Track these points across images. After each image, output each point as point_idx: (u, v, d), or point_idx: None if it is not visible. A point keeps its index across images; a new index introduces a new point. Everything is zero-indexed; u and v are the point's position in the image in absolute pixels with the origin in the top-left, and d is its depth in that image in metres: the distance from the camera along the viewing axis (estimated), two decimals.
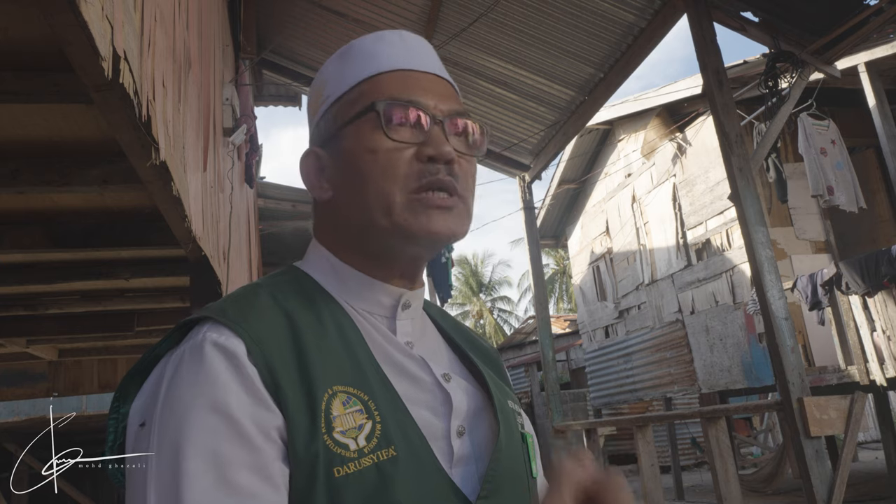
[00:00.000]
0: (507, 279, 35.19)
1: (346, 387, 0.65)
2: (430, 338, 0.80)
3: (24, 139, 2.23)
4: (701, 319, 9.19)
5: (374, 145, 0.71)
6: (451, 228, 0.71)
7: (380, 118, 0.71)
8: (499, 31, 6.20)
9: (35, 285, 3.56)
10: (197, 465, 0.56)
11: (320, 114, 0.77)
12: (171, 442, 0.58)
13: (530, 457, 0.77)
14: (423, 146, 0.71)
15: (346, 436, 0.62)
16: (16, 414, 5.24)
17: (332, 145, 0.75)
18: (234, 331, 0.63)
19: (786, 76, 5.18)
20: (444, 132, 0.72)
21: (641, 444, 5.80)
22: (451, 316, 0.91)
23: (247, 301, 0.68)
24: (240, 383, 0.60)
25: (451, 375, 0.74)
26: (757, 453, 12.13)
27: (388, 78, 0.74)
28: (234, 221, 4.13)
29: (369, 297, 0.74)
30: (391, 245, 0.72)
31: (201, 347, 0.62)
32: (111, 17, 1.29)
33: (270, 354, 0.63)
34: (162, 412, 0.60)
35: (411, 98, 0.72)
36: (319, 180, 0.76)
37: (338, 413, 0.63)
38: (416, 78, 0.75)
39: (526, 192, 8.26)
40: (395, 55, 0.76)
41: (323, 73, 0.80)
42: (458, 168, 0.72)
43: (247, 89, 4.68)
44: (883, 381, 5.90)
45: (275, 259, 7.09)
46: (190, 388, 0.60)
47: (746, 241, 4.57)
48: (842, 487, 4.12)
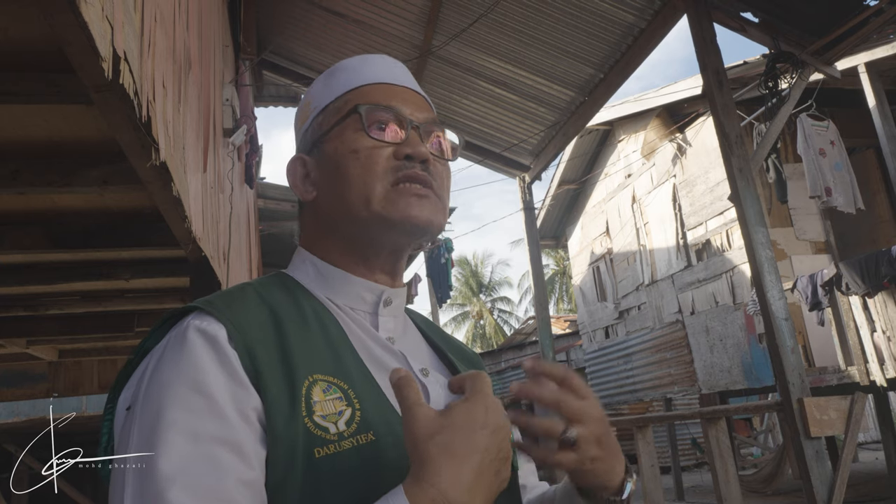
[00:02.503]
0: (507, 280, 35.23)
1: (327, 376, 0.67)
2: (411, 336, 0.84)
3: (24, 139, 2.23)
4: (701, 320, 9.18)
5: (356, 145, 0.76)
6: (427, 215, 0.75)
7: (362, 119, 0.77)
8: (499, 32, 6.20)
9: (35, 286, 3.56)
10: (174, 438, 0.58)
11: (307, 123, 0.84)
12: (151, 419, 0.60)
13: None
14: (400, 146, 0.77)
15: (326, 420, 0.64)
16: (16, 414, 5.23)
17: (317, 150, 0.81)
18: (216, 317, 0.66)
19: (786, 77, 5.18)
20: (420, 136, 0.78)
21: (641, 444, 5.80)
22: (435, 324, 0.95)
23: (233, 294, 0.72)
24: (218, 364, 0.63)
25: (429, 370, 0.78)
26: (757, 454, 12.11)
27: (371, 88, 0.81)
28: (234, 222, 4.13)
29: (351, 292, 0.78)
30: (371, 235, 0.77)
31: (184, 333, 0.65)
32: (111, 18, 1.29)
33: (251, 341, 0.65)
34: (145, 393, 0.62)
35: (390, 104, 0.79)
36: (304, 184, 0.81)
37: (318, 399, 0.65)
38: (396, 90, 0.82)
39: (526, 192, 8.26)
40: (378, 72, 0.83)
41: (311, 91, 0.87)
42: (433, 168, 0.78)
43: (247, 90, 4.68)
44: (883, 381, 5.90)
45: (275, 259, 7.09)
46: (171, 370, 0.62)
47: (746, 242, 4.57)
48: (842, 488, 4.12)
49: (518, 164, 8.20)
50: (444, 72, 6.85)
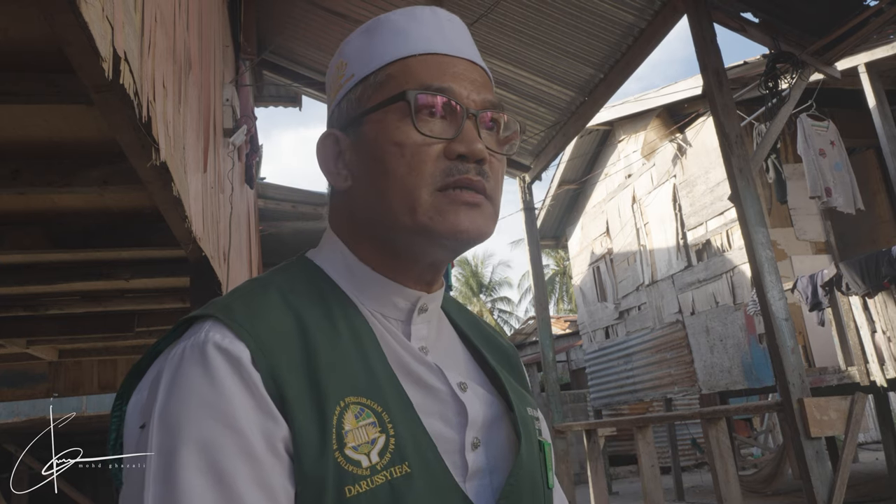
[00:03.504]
0: (507, 280, 35.19)
1: (359, 397, 0.61)
2: (445, 341, 0.75)
3: (24, 140, 2.23)
4: (701, 320, 9.19)
5: (401, 138, 0.65)
6: (479, 227, 0.66)
7: (410, 108, 0.65)
8: (499, 32, 6.20)
9: (35, 286, 3.56)
10: (195, 480, 0.53)
11: (342, 93, 0.71)
12: (171, 450, 0.54)
13: (547, 466, 0.74)
14: (453, 142, 0.66)
15: (358, 451, 0.58)
16: (16, 414, 5.24)
17: (353, 130, 0.69)
18: (238, 334, 0.59)
19: (786, 77, 5.17)
20: (477, 127, 0.67)
21: (642, 444, 5.80)
22: (468, 310, 0.86)
23: (254, 300, 0.64)
24: (245, 392, 0.57)
25: (467, 384, 0.69)
26: (757, 454, 12.11)
27: (420, 62, 0.68)
28: (235, 222, 4.13)
29: (384, 299, 0.70)
30: (413, 246, 0.68)
31: (203, 349, 0.58)
32: (111, 18, 1.29)
33: (277, 363, 0.59)
34: (162, 416, 0.56)
35: (444, 86, 0.66)
36: (337, 166, 0.71)
37: (350, 427, 0.59)
38: (450, 63, 0.68)
39: (526, 192, 8.26)
40: (428, 36, 0.69)
41: (346, 48, 0.73)
42: (489, 167, 0.68)
43: (247, 90, 4.68)
44: (883, 381, 5.90)
45: (275, 259, 7.08)
46: (192, 394, 0.56)
47: (747, 242, 4.57)
48: (842, 488, 4.12)
49: (518, 164, 8.19)
50: None
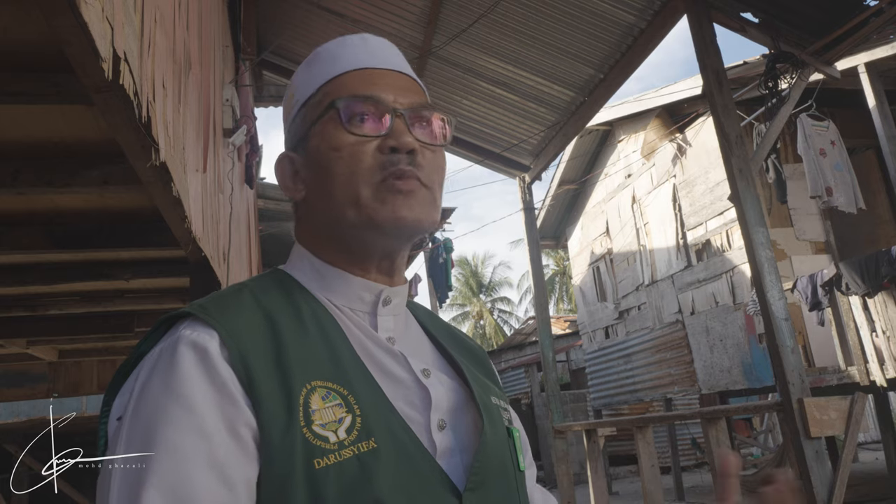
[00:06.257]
0: (507, 280, 35.22)
1: (326, 381, 0.65)
2: (412, 335, 0.81)
3: (24, 140, 2.23)
4: (701, 320, 9.19)
5: (338, 142, 0.73)
6: (416, 214, 0.72)
7: (339, 115, 0.73)
8: (499, 32, 6.20)
9: (35, 286, 3.56)
10: (160, 457, 0.57)
11: (291, 118, 0.80)
12: (140, 435, 0.59)
13: (517, 449, 0.78)
14: (385, 138, 0.72)
15: (325, 429, 0.62)
16: (16, 415, 5.24)
17: (302, 147, 0.77)
18: (209, 325, 0.64)
19: (786, 77, 5.17)
20: (406, 124, 0.73)
21: (642, 444, 5.80)
22: (439, 318, 0.92)
23: (228, 299, 0.70)
24: (207, 380, 0.61)
25: (430, 371, 0.74)
26: (757, 454, 12.11)
27: (350, 77, 0.76)
28: (234, 222, 4.13)
29: (349, 292, 0.75)
30: (364, 239, 0.74)
31: (175, 345, 0.63)
32: (111, 19, 1.29)
33: (245, 348, 0.64)
34: (135, 407, 0.61)
35: (369, 93, 0.74)
36: (294, 182, 0.78)
37: (317, 407, 0.63)
38: (378, 75, 0.76)
39: (526, 192, 8.26)
40: (357, 56, 0.78)
41: (293, 80, 0.82)
42: (422, 158, 0.73)
43: (247, 90, 4.68)
44: (883, 381, 5.90)
45: (275, 260, 7.08)
46: (160, 385, 0.61)
47: (746, 242, 4.57)
48: (842, 488, 4.12)
49: (518, 165, 8.19)
50: (444, 72, 6.85)
